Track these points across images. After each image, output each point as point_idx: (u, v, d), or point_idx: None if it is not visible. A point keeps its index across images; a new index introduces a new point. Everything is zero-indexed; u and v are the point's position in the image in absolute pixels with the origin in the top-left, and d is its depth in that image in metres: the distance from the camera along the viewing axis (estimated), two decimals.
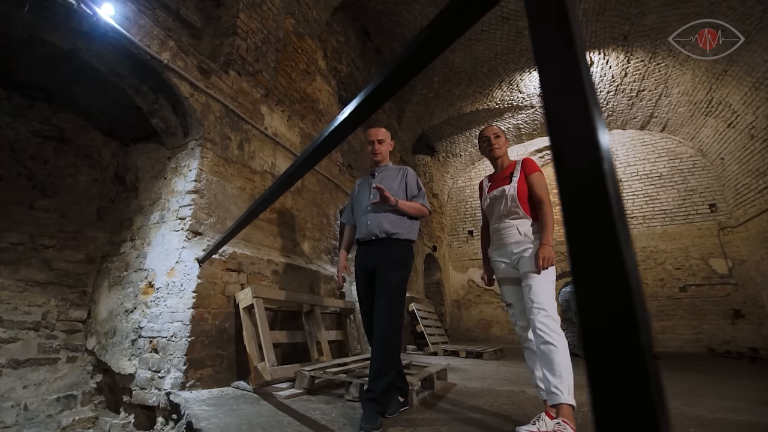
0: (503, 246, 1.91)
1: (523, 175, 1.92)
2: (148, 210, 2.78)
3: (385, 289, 1.95)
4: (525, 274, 1.77)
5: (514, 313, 1.91)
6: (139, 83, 2.58)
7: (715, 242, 7.35)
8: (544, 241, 1.74)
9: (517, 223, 1.86)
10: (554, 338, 1.60)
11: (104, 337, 2.57)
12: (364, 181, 2.27)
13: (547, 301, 1.68)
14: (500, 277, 1.95)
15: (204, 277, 2.31)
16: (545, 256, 1.69)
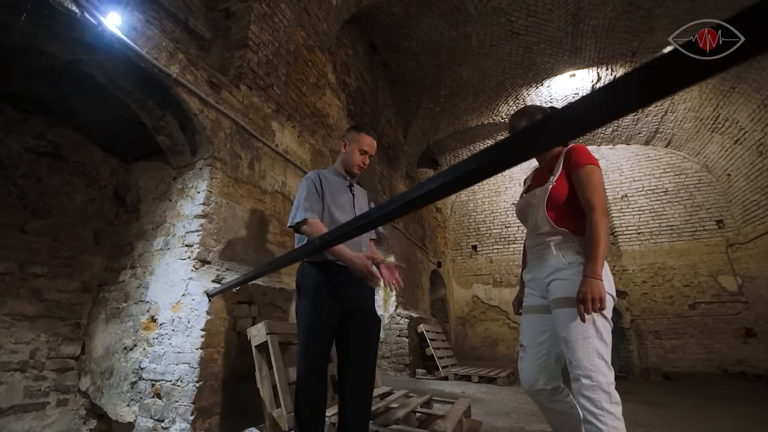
0: (534, 269, 1.47)
1: (564, 172, 1.40)
2: (150, 234, 2.55)
3: (372, 332, 1.68)
4: (560, 319, 1.29)
5: (522, 358, 1.46)
6: (144, 98, 2.38)
7: (723, 259, 7.25)
8: (589, 271, 1.22)
9: (552, 240, 1.38)
10: (601, 420, 1.16)
11: (100, 377, 2.32)
12: (337, 183, 1.81)
13: (594, 363, 1.19)
14: (525, 305, 1.53)
15: (213, 312, 2.09)
16: (590, 295, 1.18)
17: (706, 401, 3.90)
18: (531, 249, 1.49)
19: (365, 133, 1.83)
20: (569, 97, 7.21)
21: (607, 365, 1.22)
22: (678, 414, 3.28)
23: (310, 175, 1.79)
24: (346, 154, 1.83)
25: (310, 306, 1.56)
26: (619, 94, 0.39)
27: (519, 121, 1.53)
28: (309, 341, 1.52)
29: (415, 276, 6.60)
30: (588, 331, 1.23)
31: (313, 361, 1.52)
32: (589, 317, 1.22)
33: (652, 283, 7.61)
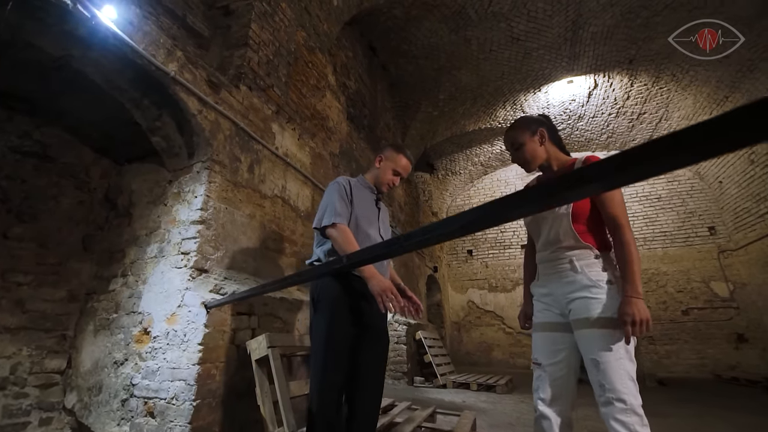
0: (550, 284, 1.38)
1: None
2: (143, 241, 2.42)
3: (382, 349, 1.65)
4: (589, 340, 1.23)
5: (540, 377, 1.35)
6: (140, 97, 2.26)
7: (715, 265, 7.34)
8: (631, 291, 1.18)
9: (574, 255, 1.31)
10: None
11: (87, 393, 2.17)
12: (366, 194, 1.79)
13: (626, 386, 1.15)
14: (538, 321, 1.43)
15: (212, 325, 1.97)
16: (639, 317, 1.14)
17: (705, 409, 3.89)
18: (546, 263, 1.41)
19: (402, 155, 1.80)
20: (566, 103, 7.23)
21: (636, 387, 1.18)
22: (679, 423, 3.25)
23: (341, 180, 1.74)
24: (379, 170, 1.80)
25: (333, 323, 1.50)
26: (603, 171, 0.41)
27: (515, 132, 1.49)
28: (329, 362, 1.45)
29: (412, 281, 6.52)
30: (620, 352, 1.18)
31: (334, 384, 1.45)
32: (619, 342, 1.18)
33: (646, 288, 7.65)
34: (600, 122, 7.75)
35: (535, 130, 1.46)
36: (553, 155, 1.46)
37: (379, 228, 1.75)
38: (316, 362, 1.47)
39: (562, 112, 7.47)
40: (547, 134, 1.46)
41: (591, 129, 8.01)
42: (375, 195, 1.83)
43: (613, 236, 1.30)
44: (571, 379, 1.33)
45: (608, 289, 1.24)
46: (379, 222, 1.77)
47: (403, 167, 1.79)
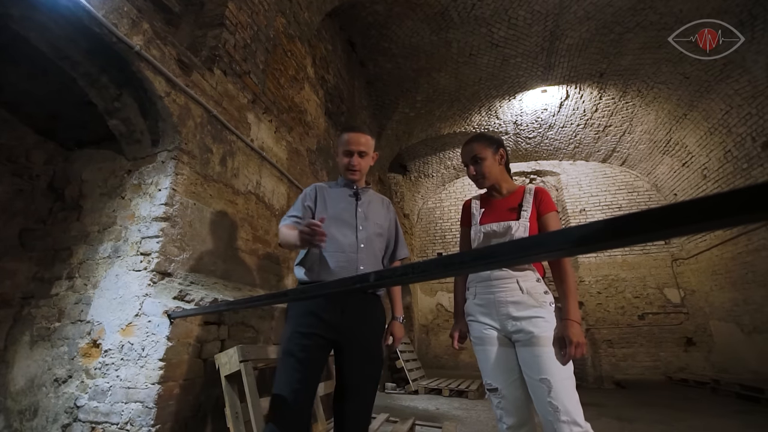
0: (493, 304, 1.34)
1: (535, 212, 1.40)
2: (95, 238, 2.11)
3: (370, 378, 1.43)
4: (537, 359, 1.22)
5: (501, 404, 1.30)
6: (97, 73, 1.96)
7: (669, 273, 7.78)
8: (571, 315, 1.22)
9: (519, 276, 1.33)
10: None
11: (18, 417, 1.83)
12: (337, 193, 1.63)
13: (575, 408, 1.17)
14: (481, 341, 1.37)
15: (175, 337, 1.72)
16: (578, 341, 1.17)
17: (669, 412, 4.05)
18: (488, 281, 1.38)
19: (346, 132, 1.61)
20: (538, 112, 7.40)
21: (580, 408, 1.20)
22: (646, 428, 3.34)
23: (306, 189, 1.68)
24: (337, 161, 1.66)
25: (297, 334, 1.36)
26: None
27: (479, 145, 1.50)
28: (291, 376, 1.29)
29: None
30: (567, 372, 1.21)
31: (294, 401, 1.25)
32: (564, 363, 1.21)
33: (606, 294, 7.99)
34: (568, 132, 8.00)
35: (497, 148, 1.50)
36: (504, 178, 1.52)
37: (356, 222, 1.55)
38: (277, 380, 1.32)
39: (534, 120, 7.64)
40: (506, 157, 1.51)
41: (560, 138, 8.26)
42: (353, 189, 1.63)
43: (555, 263, 1.35)
44: (528, 397, 1.31)
45: (552, 310, 1.29)
46: (357, 215, 1.56)
47: (348, 142, 1.56)
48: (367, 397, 1.42)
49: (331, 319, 1.37)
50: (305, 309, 1.39)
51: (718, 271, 6.78)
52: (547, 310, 1.27)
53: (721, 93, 5.94)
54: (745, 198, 0.30)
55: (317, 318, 1.37)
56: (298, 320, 1.38)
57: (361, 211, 1.58)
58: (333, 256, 1.46)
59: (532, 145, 8.51)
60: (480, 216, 1.49)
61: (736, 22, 4.87)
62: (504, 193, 1.50)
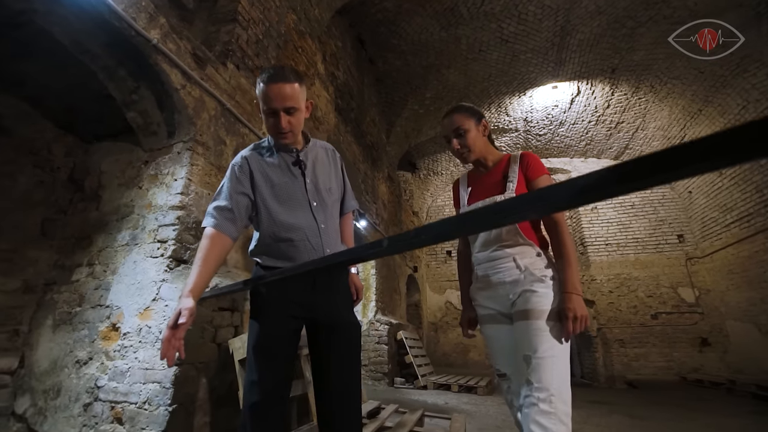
0: (493, 286, 1.27)
1: (523, 179, 1.28)
2: (114, 227, 2.18)
3: (354, 346, 1.27)
4: (523, 332, 1.14)
5: (510, 389, 1.24)
6: (115, 66, 2.03)
7: (683, 272, 7.65)
8: (570, 287, 1.13)
9: (516, 253, 1.24)
10: None
11: (43, 397, 1.91)
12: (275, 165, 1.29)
13: (557, 387, 1.05)
14: (487, 327, 1.32)
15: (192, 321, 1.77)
16: (578, 313, 1.09)
17: (681, 411, 3.99)
18: (486, 263, 1.31)
19: (267, 84, 1.17)
20: (549, 109, 7.34)
21: (569, 394, 1.07)
22: (658, 426, 3.30)
23: (236, 162, 1.29)
24: (265, 124, 1.26)
25: (261, 318, 1.20)
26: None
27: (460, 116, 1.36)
28: (258, 362, 1.15)
29: (393, 281, 6.41)
30: (555, 349, 1.10)
31: (266, 388, 1.13)
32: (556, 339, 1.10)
33: (618, 293, 7.88)
34: (580, 129, 7.92)
35: (479, 119, 1.37)
36: (489, 150, 1.41)
37: (308, 200, 1.28)
38: (247, 368, 1.20)
39: (545, 117, 7.58)
40: (488, 128, 1.40)
41: (571, 135, 8.18)
42: (293, 155, 1.30)
43: (551, 234, 1.26)
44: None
45: (552, 284, 1.19)
46: (307, 188, 1.29)
47: (269, 98, 1.17)
48: (354, 370, 1.26)
49: (303, 299, 1.22)
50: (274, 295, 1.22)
51: (734, 270, 6.64)
52: (543, 284, 1.18)
53: (737, 87, 5.83)
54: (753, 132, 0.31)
55: (288, 301, 1.21)
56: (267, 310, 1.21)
57: (310, 181, 1.30)
58: (295, 246, 1.24)
59: (542, 142, 8.43)
60: (467, 196, 1.41)
61: (752, 14, 4.78)
62: (490, 165, 1.39)
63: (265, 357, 1.16)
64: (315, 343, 1.26)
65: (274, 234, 1.25)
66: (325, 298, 1.25)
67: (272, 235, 1.25)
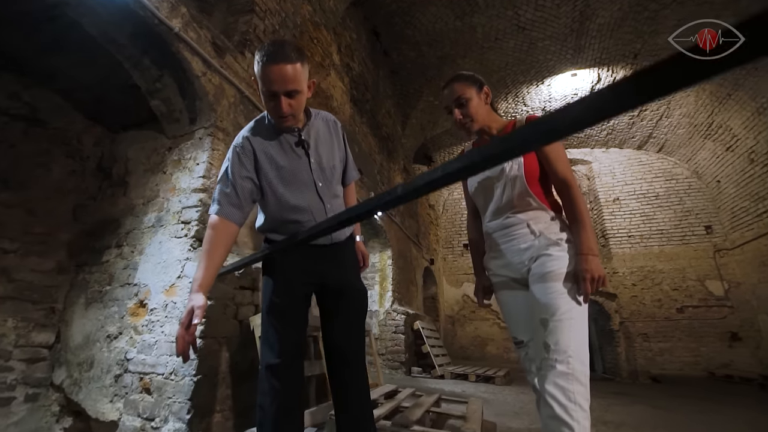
0: (507, 254, 1.25)
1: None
2: (140, 210, 2.28)
3: (360, 310, 1.33)
4: (540, 296, 1.13)
5: (528, 355, 1.24)
6: (140, 55, 2.11)
7: (711, 264, 7.37)
8: (585, 249, 1.11)
9: (530, 218, 1.22)
10: (573, 415, 0.99)
11: (77, 369, 2.03)
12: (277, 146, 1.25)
13: (575, 349, 1.04)
14: (503, 296, 1.32)
15: (214, 297, 1.84)
16: (595, 274, 1.08)
17: (707, 404, 3.87)
18: (499, 231, 1.29)
19: (261, 64, 1.10)
20: (568, 97, 7.18)
21: (587, 356, 1.07)
22: (684, 419, 3.21)
23: (237, 143, 1.25)
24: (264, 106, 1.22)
25: (274, 284, 1.24)
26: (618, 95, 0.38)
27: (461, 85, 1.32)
28: (273, 324, 1.20)
29: (410, 272, 6.43)
30: (573, 311, 1.08)
31: (283, 349, 1.18)
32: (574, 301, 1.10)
33: (642, 286, 7.66)
34: None
35: (481, 86, 1.32)
36: (493, 118, 1.35)
37: (313, 181, 1.28)
38: (261, 332, 1.25)
39: None
40: (490, 95, 1.35)
41: None
42: (295, 135, 1.27)
43: (563, 196, 1.23)
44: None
45: (567, 248, 1.17)
46: (312, 169, 1.28)
47: (269, 80, 1.09)
48: (360, 332, 1.32)
49: (313, 266, 1.26)
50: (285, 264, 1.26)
51: (767, 261, 6.36)
52: (559, 248, 1.16)
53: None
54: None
55: (299, 269, 1.25)
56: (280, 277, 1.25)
57: (314, 161, 1.29)
58: (303, 226, 1.25)
59: None
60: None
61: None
62: (495, 134, 1.34)
63: (279, 319, 1.20)
64: (324, 308, 1.31)
65: (281, 216, 1.26)
66: (333, 264, 1.29)
67: (280, 216, 1.27)
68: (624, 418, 2.94)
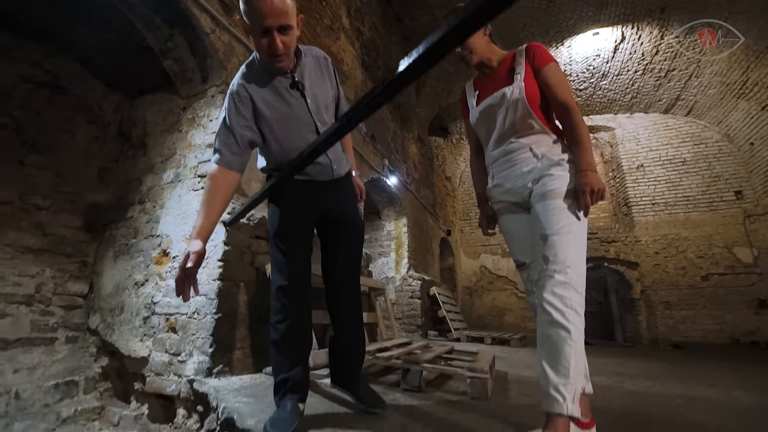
0: (510, 179, 1.28)
1: (530, 69, 1.25)
2: (159, 168, 2.38)
3: (357, 239, 1.41)
4: (540, 214, 1.15)
5: (529, 276, 1.26)
6: (151, 14, 2.15)
7: (740, 230, 7.08)
8: (585, 165, 1.14)
9: (532, 142, 1.23)
10: (569, 319, 1.03)
11: (110, 314, 2.19)
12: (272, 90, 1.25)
13: (573, 260, 1.08)
14: (505, 222, 1.34)
15: (231, 243, 1.93)
16: (595, 186, 1.10)
17: (728, 363, 3.83)
18: (502, 158, 1.31)
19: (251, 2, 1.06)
20: (590, 59, 6.87)
21: (584, 268, 1.11)
22: (704, 374, 3.19)
23: (233, 90, 1.25)
24: (254, 46, 1.19)
25: (280, 213, 1.29)
26: None
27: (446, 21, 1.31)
28: (280, 249, 1.26)
29: (426, 241, 6.47)
30: (573, 226, 1.12)
31: (291, 272, 1.24)
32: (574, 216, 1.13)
33: (665, 254, 7.47)
34: (624, 80, 7.37)
35: None
36: (492, 50, 1.37)
37: (313, 120, 1.29)
38: (271, 258, 1.32)
39: (585, 69, 7.12)
40: (490, 27, 1.35)
41: (614, 88, 7.64)
42: (288, 76, 1.25)
43: (563, 120, 1.25)
44: None
45: (569, 167, 1.19)
46: (310, 108, 1.28)
47: (261, 14, 1.06)
48: (356, 260, 1.41)
49: (314, 199, 1.32)
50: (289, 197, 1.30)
51: None
52: (561, 167, 1.19)
53: None
54: None
55: (301, 201, 1.31)
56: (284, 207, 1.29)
57: (312, 102, 1.29)
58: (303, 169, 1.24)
59: (583, 98, 7.95)
60: (476, 99, 1.39)
61: None
62: (495, 65, 1.36)
63: (285, 243, 1.27)
64: (325, 238, 1.40)
65: (285, 157, 1.28)
66: (334, 197, 1.37)
67: (284, 158, 1.29)
68: (638, 371, 2.95)
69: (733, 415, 1.63)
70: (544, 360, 1.07)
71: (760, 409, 1.77)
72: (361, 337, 1.42)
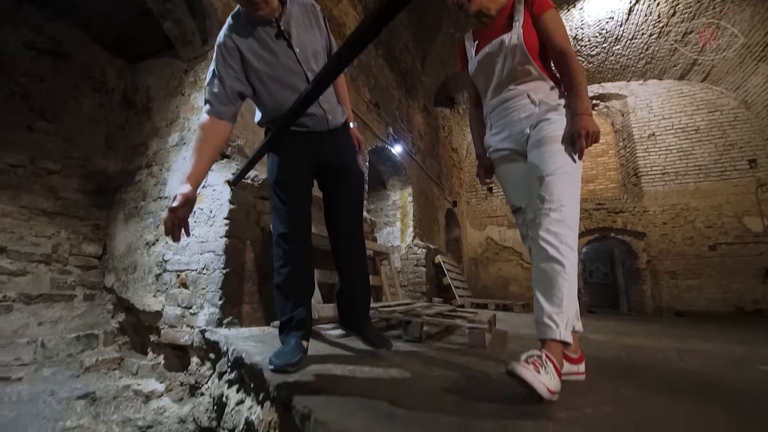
0: (508, 126, 1.29)
1: (529, 16, 1.25)
2: (164, 132, 2.41)
3: (357, 186, 1.44)
4: (537, 159, 1.17)
5: (525, 220, 1.28)
6: None
7: (751, 200, 6.97)
8: (581, 109, 1.14)
9: (530, 89, 1.24)
10: (564, 254, 1.06)
11: (124, 273, 2.29)
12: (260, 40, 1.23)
13: (567, 199, 1.11)
14: (502, 168, 1.35)
15: (236, 202, 1.98)
16: (590, 129, 1.11)
17: (729, 327, 3.87)
18: (500, 106, 1.31)
19: None
20: (603, 22, 6.60)
21: (578, 208, 1.14)
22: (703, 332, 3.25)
23: (221, 42, 1.24)
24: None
25: (279, 162, 1.31)
26: None
27: None
28: (280, 198, 1.30)
29: (431, 212, 6.50)
30: (568, 167, 1.15)
31: (291, 219, 1.28)
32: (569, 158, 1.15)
33: (673, 224, 7.41)
34: (639, 45, 7.09)
35: None
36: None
37: (302, 69, 1.28)
38: (271, 206, 1.36)
39: (598, 33, 6.85)
40: None
41: (628, 54, 7.36)
42: (274, 26, 1.23)
43: (560, 66, 1.24)
44: None
45: (565, 112, 1.20)
46: (298, 56, 1.27)
47: None
48: (358, 207, 1.45)
49: (315, 149, 1.35)
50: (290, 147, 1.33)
51: None
52: (557, 112, 1.20)
53: None
54: None
55: (302, 151, 1.33)
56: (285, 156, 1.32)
57: (300, 51, 1.27)
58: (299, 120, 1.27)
59: (594, 64, 7.69)
60: (474, 49, 1.37)
61: None
62: (494, 14, 1.33)
63: (284, 191, 1.31)
64: (326, 188, 1.43)
65: (279, 109, 1.29)
66: (332, 147, 1.39)
67: (278, 110, 1.29)
68: (637, 330, 3.01)
69: (725, 363, 1.68)
70: (538, 292, 1.10)
71: (751, 358, 1.81)
72: (365, 280, 1.47)
